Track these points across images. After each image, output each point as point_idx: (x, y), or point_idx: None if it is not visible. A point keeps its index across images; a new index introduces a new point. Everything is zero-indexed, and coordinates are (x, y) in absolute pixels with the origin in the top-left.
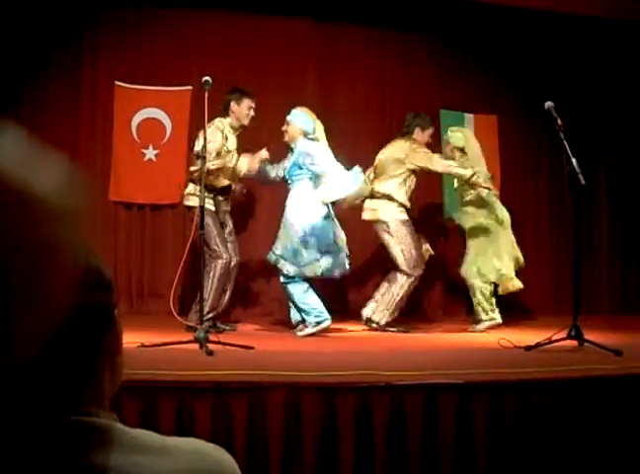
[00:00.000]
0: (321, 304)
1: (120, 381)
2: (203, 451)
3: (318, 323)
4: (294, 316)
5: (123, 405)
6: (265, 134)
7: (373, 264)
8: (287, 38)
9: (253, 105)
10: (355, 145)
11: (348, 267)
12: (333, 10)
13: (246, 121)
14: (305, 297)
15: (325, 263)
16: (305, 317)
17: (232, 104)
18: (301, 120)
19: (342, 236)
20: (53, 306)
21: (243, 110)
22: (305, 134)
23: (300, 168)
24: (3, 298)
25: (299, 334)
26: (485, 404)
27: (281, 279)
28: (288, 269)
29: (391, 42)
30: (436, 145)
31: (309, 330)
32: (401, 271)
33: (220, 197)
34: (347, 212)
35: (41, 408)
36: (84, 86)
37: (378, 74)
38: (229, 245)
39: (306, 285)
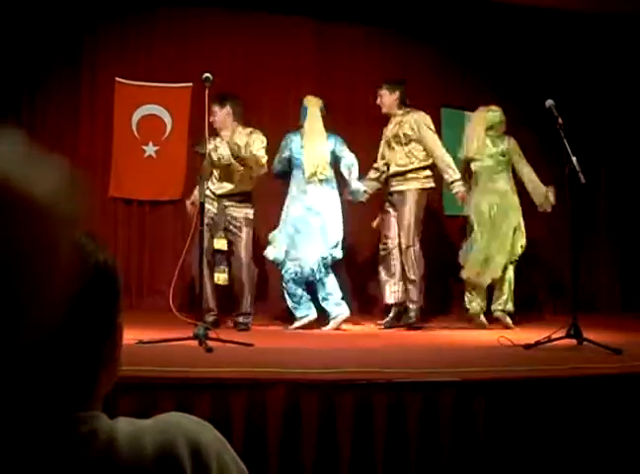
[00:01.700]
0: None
1: (113, 383)
2: (181, 428)
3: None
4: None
5: (122, 401)
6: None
7: (372, 260)
8: (287, 36)
9: (214, 109)
10: (353, 144)
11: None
12: (333, 8)
13: (217, 125)
14: None
15: None
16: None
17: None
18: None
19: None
20: (49, 309)
21: (215, 116)
22: None
23: None
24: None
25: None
26: (484, 402)
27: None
28: None
29: (391, 41)
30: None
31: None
32: None
33: (227, 203)
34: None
35: (34, 408)
36: (84, 82)
37: (378, 72)
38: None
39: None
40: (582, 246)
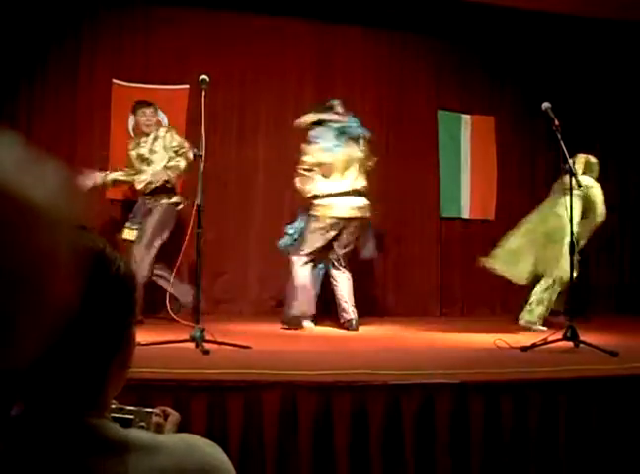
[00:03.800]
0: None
1: (121, 389)
2: (195, 448)
3: None
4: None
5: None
6: (262, 132)
7: (369, 263)
8: (285, 37)
9: (147, 110)
10: None
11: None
12: (330, 10)
13: (145, 129)
14: None
15: None
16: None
17: (132, 118)
18: None
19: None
20: (51, 313)
21: (139, 118)
22: None
23: None
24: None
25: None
26: (481, 404)
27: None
28: None
29: (388, 43)
30: (432, 147)
31: None
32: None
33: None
34: None
35: (43, 411)
36: (81, 84)
37: (376, 75)
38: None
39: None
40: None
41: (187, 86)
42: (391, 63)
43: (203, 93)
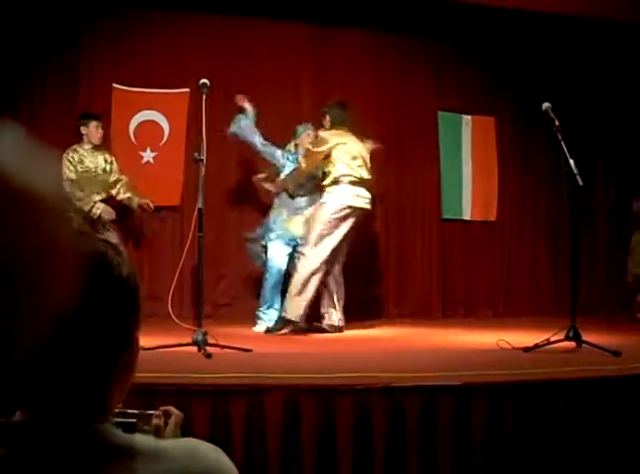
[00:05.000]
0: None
1: (126, 394)
2: (199, 452)
3: None
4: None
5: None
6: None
7: (371, 265)
8: (284, 41)
9: (100, 124)
10: None
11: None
12: (330, 13)
13: (96, 141)
14: None
15: None
16: None
17: (82, 128)
18: None
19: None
20: (53, 307)
21: (92, 130)
22: None
23: None
24: (3, 299)
25: None
26: (483, 406)
27: None
28: None
29: (388, 45)
30: (432, 148)
31: None
32: None
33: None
34: None
35: (47, 417)
36: (82, 88)
37: (375, 76)
38: None
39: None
40: (580, 248)
41: (187, 90)
42: (391, 65)
43: (204, 97)
